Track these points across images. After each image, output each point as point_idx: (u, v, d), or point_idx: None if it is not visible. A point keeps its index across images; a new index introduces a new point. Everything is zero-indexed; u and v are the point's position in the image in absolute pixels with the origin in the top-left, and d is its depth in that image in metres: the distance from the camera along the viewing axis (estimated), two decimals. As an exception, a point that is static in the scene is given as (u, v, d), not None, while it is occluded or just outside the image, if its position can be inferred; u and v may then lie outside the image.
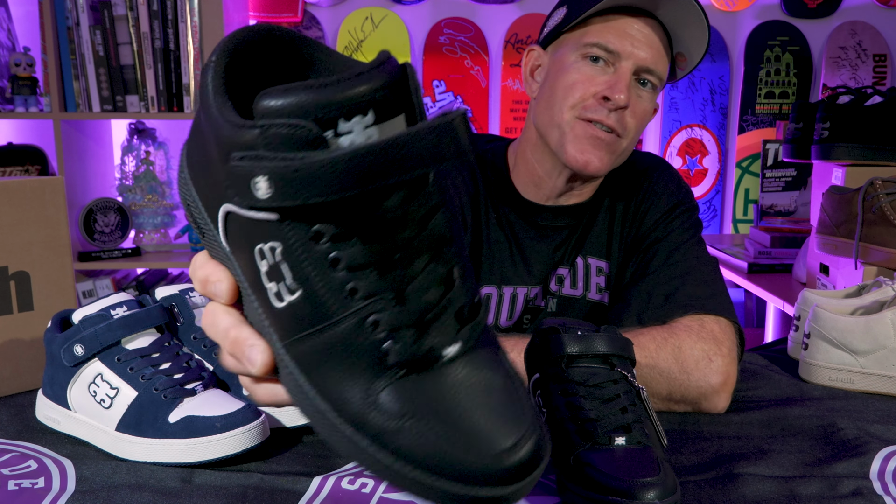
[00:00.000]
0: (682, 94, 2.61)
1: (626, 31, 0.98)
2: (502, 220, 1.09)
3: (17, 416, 0.87)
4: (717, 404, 0.89)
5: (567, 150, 1.00)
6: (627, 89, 0.97)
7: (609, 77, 0.98)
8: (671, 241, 1.04)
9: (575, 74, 0.99)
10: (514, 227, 1.09)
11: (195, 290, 0.88)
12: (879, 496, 0.68)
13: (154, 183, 2.40)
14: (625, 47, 0.98)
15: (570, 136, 1.00)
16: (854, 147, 1.75)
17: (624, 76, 0.98)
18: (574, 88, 0.99)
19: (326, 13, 2.56)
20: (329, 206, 0.36)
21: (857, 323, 0.97)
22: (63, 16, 2.17)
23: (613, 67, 0.99)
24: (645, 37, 0.98)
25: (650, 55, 0.99)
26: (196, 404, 0.74)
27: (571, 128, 1.00)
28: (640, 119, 1.02)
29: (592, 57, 0.99)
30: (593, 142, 0.99)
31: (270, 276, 0.39)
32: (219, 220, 0.40)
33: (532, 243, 1.09)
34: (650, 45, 0.99)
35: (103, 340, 0.76)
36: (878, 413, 0.89)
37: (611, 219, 1.11)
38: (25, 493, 0.68)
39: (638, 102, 1.01)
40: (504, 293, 1.09)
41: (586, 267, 1.10)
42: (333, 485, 0.69)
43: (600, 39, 0.98)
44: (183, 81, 2.22)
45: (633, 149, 1.06)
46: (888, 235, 1.43)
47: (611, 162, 1.02)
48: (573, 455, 0.66)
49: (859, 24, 2.57)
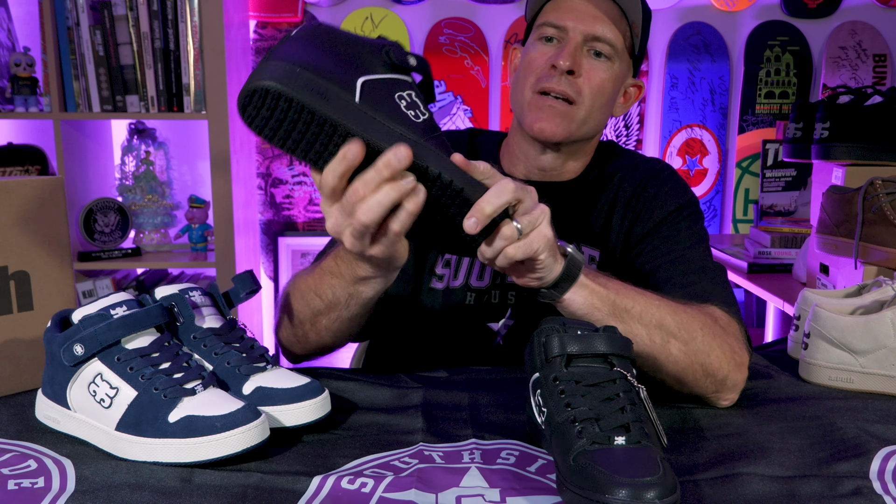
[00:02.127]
0: (682, 94, 2.61)
1: (571, 6, 1.08)
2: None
3: (17, 415, 0.87)
4: (727, 398, 0.91)
5: (526, 120, 1.09)
6: (571, 56, 1.05)
7: (556, 49, 1.08)
8: (682, 240, 1.07)
9: (532, 54, 1.10)
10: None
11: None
12: (879, 496, 0.68)
13: (154, 183, 2.40)
14: (568, 21, 1.07)
15: (527, 108, 1.09)
16: (854, 147, 1.75)
17: (569, 45, 1.06)
18: (530, 67, 1.09)
19: (326, 13, 2.56)
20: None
21: (857, 323, 0.97)
22: (63, 16, 2.17)
23: (563, 42, 1.08)
24: (589, 9, 1.07)
25: (595, 24, 1.07)
26: (196, 404, 0.74)
27: (528, 102, 1.09)
28: (597, 88, 1.08)
29: (546, 37, 1.09)
30: (547, 110, 1.07)
31: (408, 107, 0.72)
32: (357, 86, 0.69)
33: None
34: (594, 16, 1.07)
35: (103, 340, 0.76)
36: (878, 413, 0.89)
37: (610, 210, 1.13)
38: (25, 492, 0.68)
39: (593, 71, 1.08)
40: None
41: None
42: (333, 484, 0.69)
43: (548, 20, 1.09)
44: (183, 81, 2.22)
45: (598, 119, 1.11)
46: (888, 235, 1.43)
47: (567, 128, 1.08)
48: (573, 454, 0.66)
49: (859, 24, 2.57)
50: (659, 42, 2.61)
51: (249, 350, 0.87)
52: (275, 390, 0.81)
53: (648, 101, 2.63)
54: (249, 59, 2.53)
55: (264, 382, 0.82)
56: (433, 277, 1.13)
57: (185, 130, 2.53)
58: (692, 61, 2.59)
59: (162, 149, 2.42)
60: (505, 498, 0.68)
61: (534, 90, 1.08)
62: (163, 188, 2.42)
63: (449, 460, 0.75)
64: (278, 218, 2.64)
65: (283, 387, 0.81)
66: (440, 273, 1.14)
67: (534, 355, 0.77)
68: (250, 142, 2.52)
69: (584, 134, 1.10)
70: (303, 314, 0.97)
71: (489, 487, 0.70)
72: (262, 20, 2.53)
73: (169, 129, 2.50)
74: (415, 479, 0.70)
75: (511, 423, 0.85)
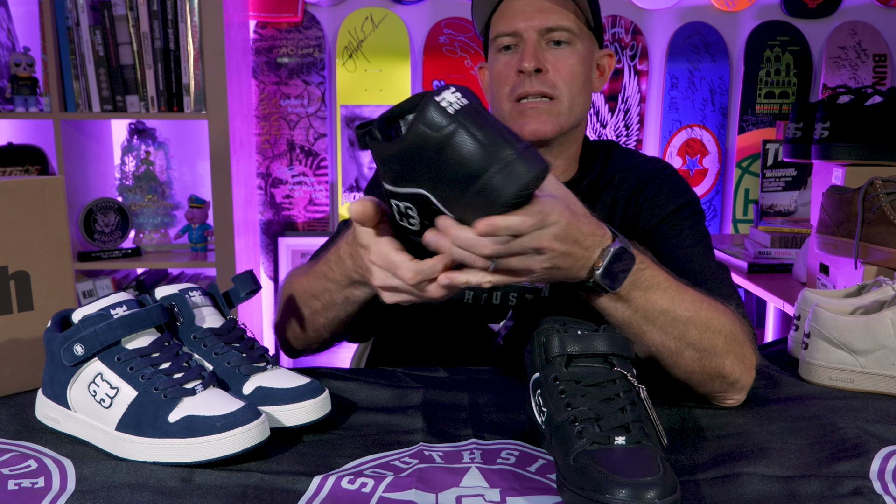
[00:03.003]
0: (682, 94, 2.61)
1: (515, 11, 1.09)
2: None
3: (17, 415, 0.87)
4: (734, 398, 0.90)
5: (514, 129, 1.06)
6: (533, 55, 1.06)
7: (517, 55, 1.09)
8: (685, 239, 1.06)
9: (497, 67, 1.11)
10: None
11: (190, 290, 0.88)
12: (879, 496, 0.68)
13: (154, 183, 2.40)
14: (519, 24, 1.08)
15: (511, 118, 1.10)
16: (854, 147, 1.75)
17: (528, 45, 1.07)
18: (500, 80, 1.11)
19: (326, 13, 2.56)
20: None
21: (857, 323, 0.97)
22: (63, 16, 2.17)
23: (521, 45, 1.09)
24: (532, 4, 1.08)
25: (544, 17, 1.07)
26: (196, 404, 0.74)
27: (510, 113, 1.10)
28: (570, 75, 1.08)
29: (504, 47, 1.10)
30: (530, 113, 1.08)
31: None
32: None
33: None
34: (541, 9, 1.07)
35: (103, 340, 0.76)
36: (878, 413, 0.89)
37: (610, 212, 1.13)
38: (25, 492, 0.68)
39: (559, 61, 1.08)
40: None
41: None
42: (333, 484, 0.69)
43: (498, 30, 1.10)
44: (183, 81, 2.22)
45: (582, 103, 1.11)
46: (888, 235, 1.43)
47: (556, 122, 1.09)
48: (573, 454, 0.66)
49: (859, 24, 2.57)
50: (659, 42, 2.61)
51: (249, 350, 0.87)
52: (275, 390, 0.81)
53: (648, 101, 2.63)
54: (249, 59, 2.53)
55: (264, 382, 0.82)
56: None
57: (185, 130, 2.53)
58: (692, 61, 2.59)
59: (162, 149, 2.42)
60: (505, 498, 0.68)
61: (511, 99, 1.09)
62: (163, 188, 2.42)
63: (449, 460, 0.75)
64: (278, 218, 2.64)
65: (283, 387, 0.81)
66: None
67: (534, 355, 0.77)
68: (250, 142, 2.52)
69: (573, 122, 1.11)
70: (300, 313, 0.99)
71: (489, 487, 0.70)
72: (262, 20, 2.52)
73: (169, 129, 2.50)
74: (415, 479, 0.70)
75: (511, 423, 0.85)
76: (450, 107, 0.62)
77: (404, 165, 0.66)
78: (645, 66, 2.59)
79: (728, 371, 0.86)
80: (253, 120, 2.56)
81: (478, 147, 0.62)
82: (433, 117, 0.62)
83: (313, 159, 2.60)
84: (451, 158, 0.62)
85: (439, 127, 0.62)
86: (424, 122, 0.62)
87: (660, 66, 2.61)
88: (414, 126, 0.62)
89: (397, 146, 0.65)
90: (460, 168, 0.63)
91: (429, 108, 0.62)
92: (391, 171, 0.68)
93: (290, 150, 2.59)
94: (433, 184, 0.66)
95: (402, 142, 0.64)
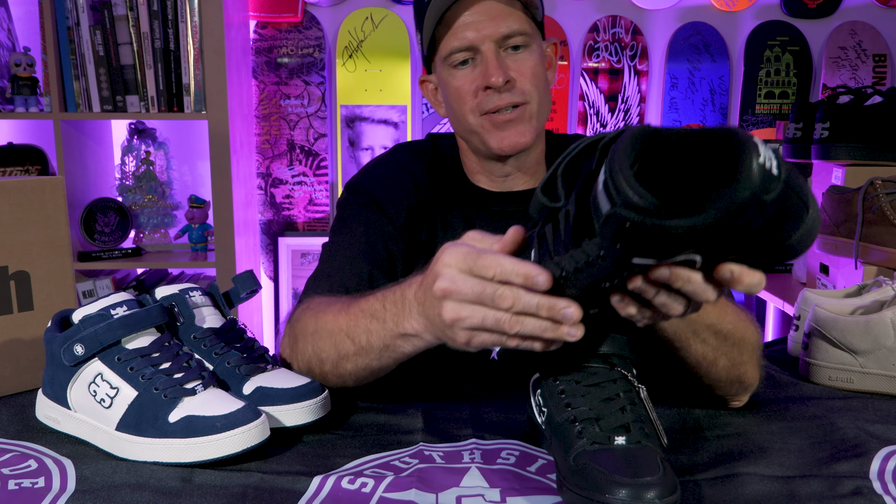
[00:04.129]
0: (682, 94, 2.61)
1: (465, 22, 1.02)
2: (458, 210, 1.11)
3: (17, 415, 0.87)
4: (742, 400, 0.91)
5: (490, 144, 1.05)
6: (498, 69, 1.01)
7: (479, 68, 1.03)
8: None
9: (456, 84, 1.05)
10: (471, 217, 1.12)
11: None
12: (879, 496, 0.68)
13: (154, 183, 2.40)
14: (472, 37, 1.02)
15: (485, 133, 1.05)
16: (854, 147, 1.75)
17: (488, 60, 1.02)
18: (462, 96, 1.05)
19: (326, 13, 2.56)
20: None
21: (857, 323, 0.97)
22: (63, 16, 2.17)
23: (478, 58, 1.03)
24: (480, 14, 1.02)
25: (497, 25, 1.02)
26: (196, 404, 0.74)
27: (482, 126, 1.05)
28: (533, 77, 1.04)
29: (460, 62, 1.04)
30: (505, 126, 1.04)
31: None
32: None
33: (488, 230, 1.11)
34: (491, 17, 1.02)
35: (103, 340, 0.76)
36: (878, 413, 0.89)
37: None
38: (25, 492, 0.68)
39: (521, 65, 1.04)
40: None
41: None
42: (333, 484, 0.69)
43: (451, 46, 1.03)
44: (183, 81, 2.22)
45: (546, 100, 1.08)
46: (888, 235, 1.43)
47: (534, 128, 1.05)
48: (573, 454, 0.66)
49: (859, 24, 2.57)
50: (659, 42, 2.61)
51: (249, 350, 0.87)
52: (275, 390, 0.81)
53: (648, 101, 2.63)
54: (249, 59, 2.53)
55: (264, 382, 0.82)
56: None
57: (185, 130, 2.53)
58: (692, 61, 2.59)
59: (162, 149, 2.42)
60: (505, 498, 0.68)
61: (479, 114, 1.04)
62: (163, 188, 2.42)
63: (449, 460, 0.75)
64: (278, 218, 2.64)
65: (284, 387, 0.81)
66: None
67: (534, 355, 0.76)
68: (250, 142, 2.52)
69: (544, 122, 1.09)
70: (326, 353, 0.86)
71: (489, 487, 0.70)
72: (262, 20, 2.52)
73: (169, 129, 2.50)
74: (415, 479, 0.70)
75: (511, 423, 0.85)
76: (769, 162, 0.51)
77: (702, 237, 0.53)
78: (645, 67, 2.59)
79: (748, 378, 0.88)
80: (253, 120, 2.56)
81: (799, 203, 0.53)
82: (763, 180, 0.50)
83: (313, 159, 2.60)
84: (774, 221, 0.52)
85: (769, 189, 0.50)
86: (751, 186, 0.50)
87: (660, 66, 2.61)
88: (740, 192, 0.50)
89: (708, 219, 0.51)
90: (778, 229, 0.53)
91: (753, 168, 0.50)
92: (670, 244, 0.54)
93: (290, 150, 2.59)
94: (721, 248, 0.55)
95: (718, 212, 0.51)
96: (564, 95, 2.60)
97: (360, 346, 0.82)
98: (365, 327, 0.80)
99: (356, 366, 0.84)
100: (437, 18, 1.04)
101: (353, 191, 1.12)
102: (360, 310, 0.82)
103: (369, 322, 0.80)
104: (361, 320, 0.81)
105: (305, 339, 0.89)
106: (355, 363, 0.84)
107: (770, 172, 0.50)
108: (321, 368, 0.87)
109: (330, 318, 0.86)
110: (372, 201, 1.09)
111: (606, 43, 2.57)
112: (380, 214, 1.08)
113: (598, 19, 2.56)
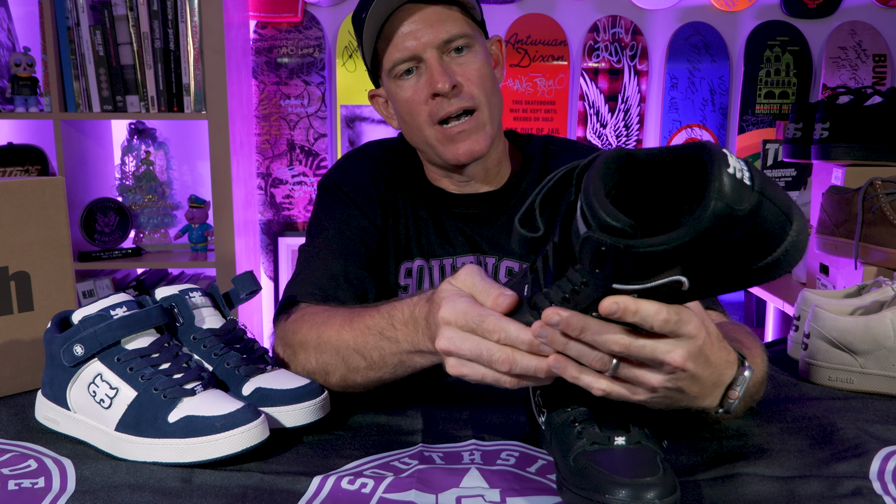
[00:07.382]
0: (682, 94, 2.61)
1: (403, 33, 1.01)
2: (422, 210, 1.12)
3: (17, 416, 0.87)
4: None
5: (446, 155, 1.05)
6: (442, 74, 1.00)
7: (424, 77, 1.02)
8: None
9: (404, 96, 1.04)
10: (434, 217, 1.12)
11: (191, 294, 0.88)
12: (879, 496, 0.68)
13: (154, 183, 2.40)
14: (413, 46, 1.01)
15: (439, 145, 1.04)
16: (854, 147, 1.75)
17: (432, 67, 1.01)
18: (412, 108, 1.04)
19: (326, 13, 2.56)
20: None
21: (856, 323, 0.97)
22: (63, 16, 2.17)
23: (422, 66, 1.02)
24: (418, 23, 1.01)
25: (436, 30, 1.01)
26: (195, 404, 0.74)
27: (435, 138, 1.04)
28: (480, 79, 1.03)
29: (404, 72, 1.03)
30: (460, 137, 1.03)
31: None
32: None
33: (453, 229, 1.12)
34: (428, 24, 1.01)
35: (103, 340, 0.76)
36: (878, 413, 0.89)
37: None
38: (25, 492, 0.68)
39: (467, 68, 1.03)
40: (433, 265, 1.11)
41: (496, 268, 1.10)
42: (333, 485, 0.69)
43: (394, 58, 1.03)
44: (183, 81, 2.22)
45: (498, 100, 1.07)
46: (888, 235, 1.43)
47: (488, 134, 1.04)
48: (573, 455, 0.66)
49: (859, 24, 2.57)
50: (659, 42, 2.61)
51: (249, 351, 0.87)
52: (274, 391, 0.81)
53: (648, 101, 2.63)
54: (249, 59, 2.53)
55: (264, 383, 0.82)
56: (399, 290, 1.11)
57: (185, 130, 2.53)
58: (692, 61, 2.59)
59: (162, 149, 2.42)
60: (505, 498, 0.68)
61: (432, 124, 1.03)
62: (163, 188, 2.42)
63: (449, 461, 0.75)
64: (278, 218, 2.64)
65: (283, 388, 0.81)
66: (404, 284, 1.11)
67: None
68: (250, 142, 2.52)
69: (498, 125, 1.07)
70: (333, 367, 0.86)
71: (489, 488, 0.70)
72: (262, 20, 2.52)
73: (169, 129, 2.50)
74: (415, 480, 0.70)
75: (511, 424, 0.85)
76: (740, 173, 0.50)
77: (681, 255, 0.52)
78: (645, 67, 2.59)
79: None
80: (253, 120, 2.56)
81: (780, 216, 0.52)
82: (735, 191, 0.50)
83: (313, 159, 2.60)
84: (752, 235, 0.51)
85: (742, 200, 0.50)
86: (723, 198, 0.49)
87: (660, 67, 2.61)
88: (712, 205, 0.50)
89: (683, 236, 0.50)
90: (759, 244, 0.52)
91: (724, 181, 0.50)
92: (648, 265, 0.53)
93: (290, 150, 2.60)
94: (704, 266, 0.53)
95: (692, 229, 0.50)
96: (564, 95, 2.60)
97: (371, 362, 0.82)
98: (375, 345, 0.80)
99: (367, 378, 0.84)
100: (376, 32, 1.03)
101: (325, 188, 1.13)
102: (365, 326, 0.82)
103: (379, 340, 0.80)
104: (370, 338, 0.81)
105: (307, 351, 0.88)
106: (366, 376, 0.84)
107: (742, 182, 0.50)
108: (326, 379, 0.87)
109: (333, 334, 0.86)
110: (344, 196, 1.10)
111: (606, 43, 2.57)
112: (353, 208, 1.09)
113: (598, 19, 2.56)
